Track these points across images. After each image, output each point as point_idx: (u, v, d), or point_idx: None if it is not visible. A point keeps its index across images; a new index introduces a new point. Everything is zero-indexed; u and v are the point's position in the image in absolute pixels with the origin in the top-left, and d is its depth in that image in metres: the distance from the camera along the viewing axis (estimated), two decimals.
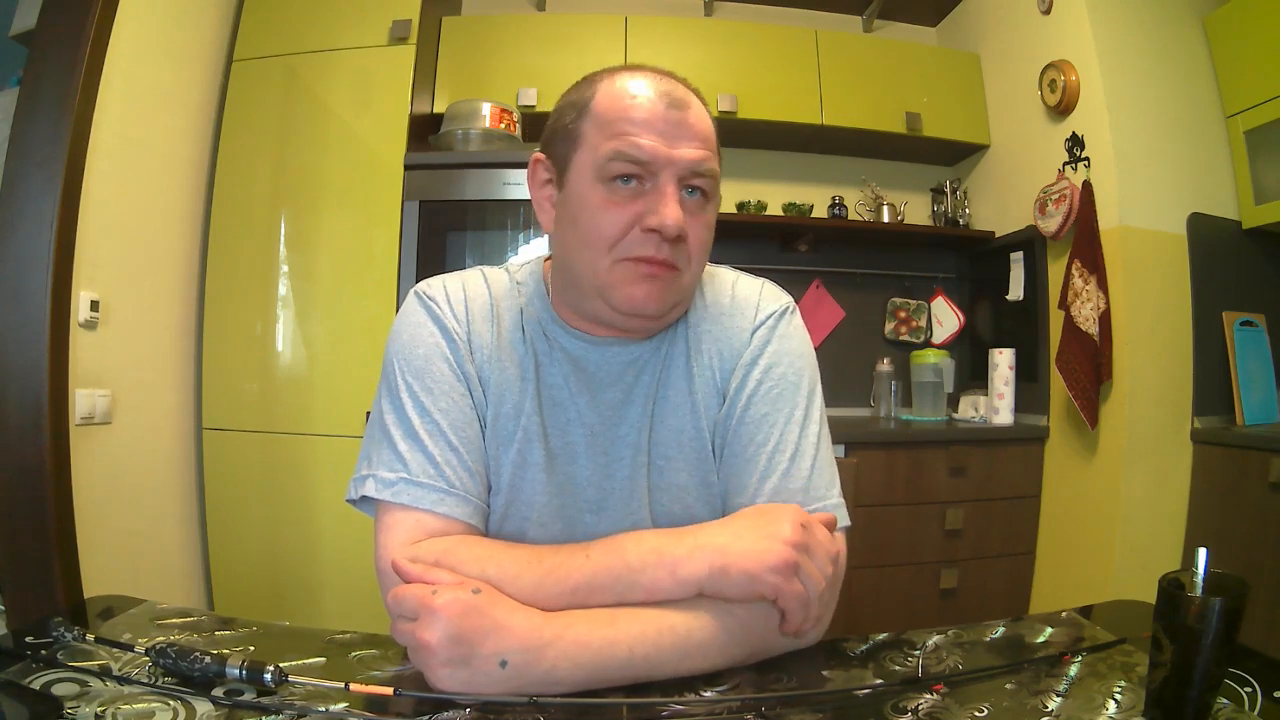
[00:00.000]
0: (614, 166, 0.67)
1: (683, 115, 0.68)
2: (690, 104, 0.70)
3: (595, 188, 0.68)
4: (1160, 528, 2.08)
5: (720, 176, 0.72)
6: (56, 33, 1.58)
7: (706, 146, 0.69)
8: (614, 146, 0.66)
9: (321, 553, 1.99)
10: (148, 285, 1.89)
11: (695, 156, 0.67)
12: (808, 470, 0.70)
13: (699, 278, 0.74)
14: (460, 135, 2.14)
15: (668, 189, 0.67)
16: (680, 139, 0.67)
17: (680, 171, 0.67)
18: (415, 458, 0.67)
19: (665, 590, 0.59)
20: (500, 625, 0.54)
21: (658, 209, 0.66)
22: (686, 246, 0.69)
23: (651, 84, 0.69)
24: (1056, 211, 2.22)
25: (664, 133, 0.67)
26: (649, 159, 0.66)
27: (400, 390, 0.70)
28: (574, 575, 0.59)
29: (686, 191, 0.68)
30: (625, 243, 0.67)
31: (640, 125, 0.67)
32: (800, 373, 0.75)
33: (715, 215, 0.73)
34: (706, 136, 0.70)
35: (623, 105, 0.68)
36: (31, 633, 0.62)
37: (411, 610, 0.54)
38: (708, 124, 0.71)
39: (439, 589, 0.55)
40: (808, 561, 0.59)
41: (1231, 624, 0.47)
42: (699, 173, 0.68)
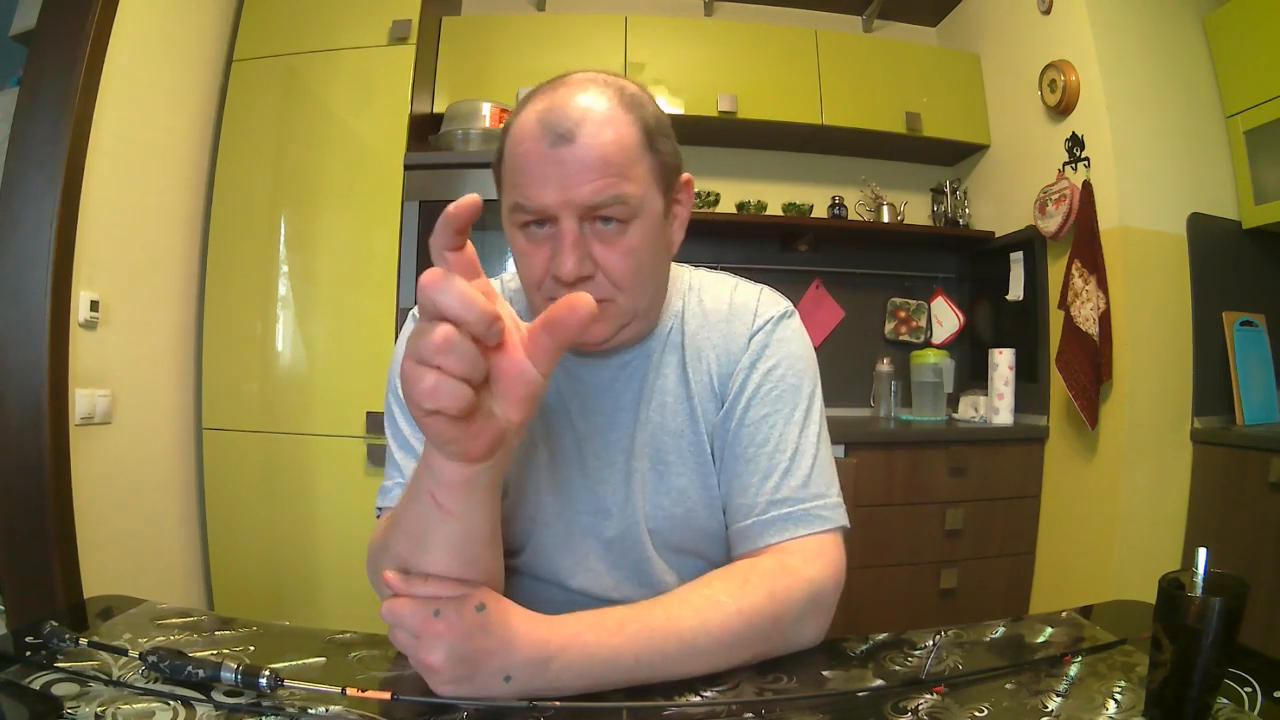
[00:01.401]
0: (517, 217, 0.66)
1: (567, 150, 0.62)
2: (578, 133, 0.63)
3: (516, 234, 0.68)
4: (1160, 528, 2.08)
5: (644, 192, 0.66)
6: (56, 33, 1.58)
7: (605, 173, 0.63)
8: (513, 199, 0.66)
9: (321, 553, 1.99)
10: (148, 285, 1.89)
11: (587, 193, 0.63)
12: (808, 470, 0.70)
13: (647, 294, 0.71)
14: (460, 135, 2.14)
15: (565, 235, 0.64)
16: (569, 178, 0.63)
17: (577, 211, 0.64)
18: (410, 464, 0.71)
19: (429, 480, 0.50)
20: (505, 643, 0.52)
21: (556, 258, 0.65)
22: (606, 278, 0.66)
23: (540, 116, 0.64)
24: (1056, 211, 2.22)
25: (552, 176, 0.63)
26: (541, 209, 0.64)
27: (395, 405, 0.74)
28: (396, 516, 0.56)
29: (601, 222, 0.65)
30: (545, 286, 0.67)
31: (529, 175, 0.64)
32: (800, 374, 0.75)
33: (643, 234, 0.67)
34: (603, 162, 0.63)
35: (515, 154, 0.66)
36: (31, 633, 0.62)
37: (412, 629, 0.52)
38: (608, 144, 0.63)
39: (440, 608, 0.52)
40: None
41: (1231, 624, 0.47)
42: (597, 205, 0.64)
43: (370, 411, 1.96)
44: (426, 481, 0.50)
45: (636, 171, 0.66)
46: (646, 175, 0.67)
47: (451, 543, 0.53)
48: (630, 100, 0.67)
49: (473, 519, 0.52)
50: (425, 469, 0.50)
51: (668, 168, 0.70)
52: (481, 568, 0.55)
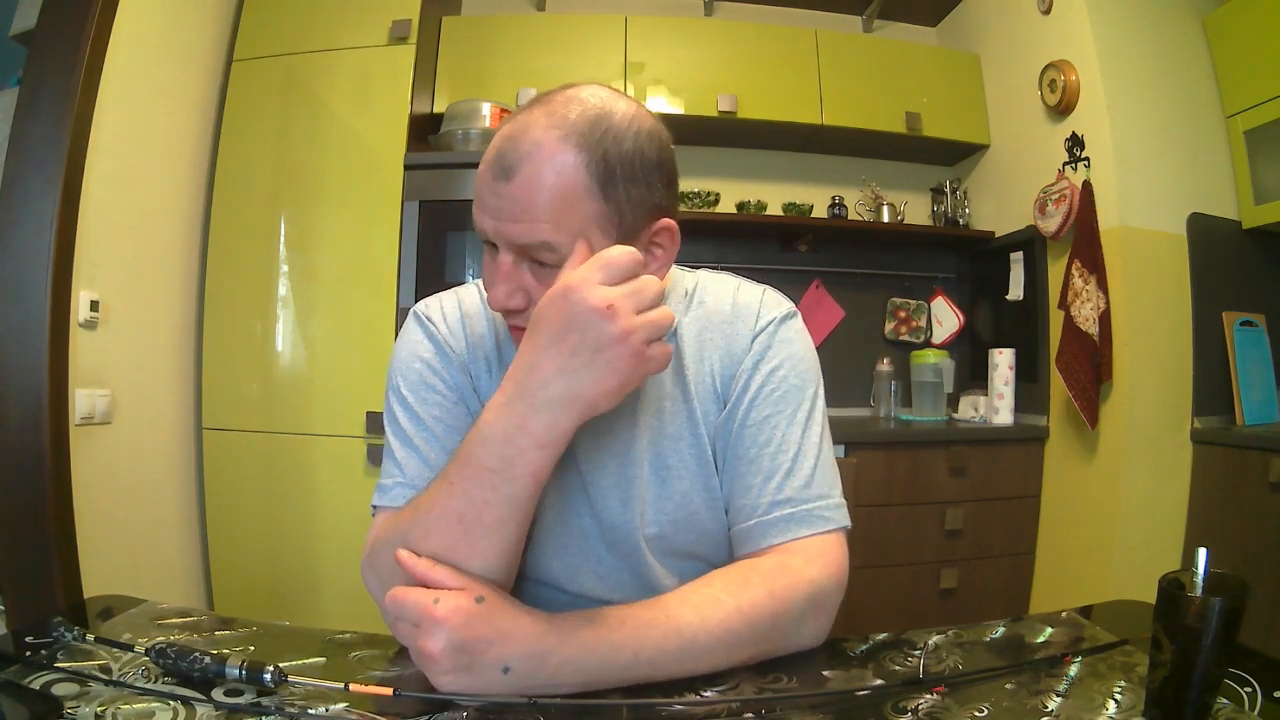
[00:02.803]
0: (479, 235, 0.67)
1: (506, 186, 0.61)
2: (517, 171, 0.61)
3: (485, 248, 0.68)
4: (1160, 528, 2.08)
5: (569, 239, 0.62)
6: (56, 33, 1.58)
7: (534, 217, 0.61)
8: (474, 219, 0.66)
9: (321, 553, 1.99)
10: (148, 285, 1.89)
11: (515, 232, 0.62)
12: (810, 470, 0.70)
13: None
14: (460, 135, 2.14)
15: (503, 263, 0.64)
16: (504, 214, 0.62)
17: (512, 247, 0.63)
18: (411, 463, 0.70)
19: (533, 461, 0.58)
20: (503, 633, 0.54)
21: (490, 284, 0.65)
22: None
23: (498, 143, 0.64)
24: (1056, 211, 2.22)
25: (492, 208, 0.63)
26: (484, 235, 0.65)
27: (396, 405, 0.74)
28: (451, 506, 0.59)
29: (537, 262, 0.64)
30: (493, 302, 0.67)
31: (478, 201, 0.64)
32: (802, 375, 0.75)
33: None
34: (532, 206, 0.61)
35: (478, 173, 0.66)
36: (31, 633, 0.62)
37: (413, 617, 0.54)
38: (544, 190, 0.61)
39: (440, 596, 0.54)
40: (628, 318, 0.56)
41: (1231, 624, 0.47)
42: (524, 246, 0.62)
43: (370, 411, 1.96)
44: (531, 459, 0.57)
45: (573, 218, 0.62)
46: (591, 219, 0.62)
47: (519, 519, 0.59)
48: (595, 139, 0.62)
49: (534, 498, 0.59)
50: (533, 447, 0.56)
51: (626, 211, 0.64)
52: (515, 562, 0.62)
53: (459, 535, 0.58)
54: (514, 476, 0.57)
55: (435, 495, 0.60)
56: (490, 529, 0.58)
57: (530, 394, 0.56)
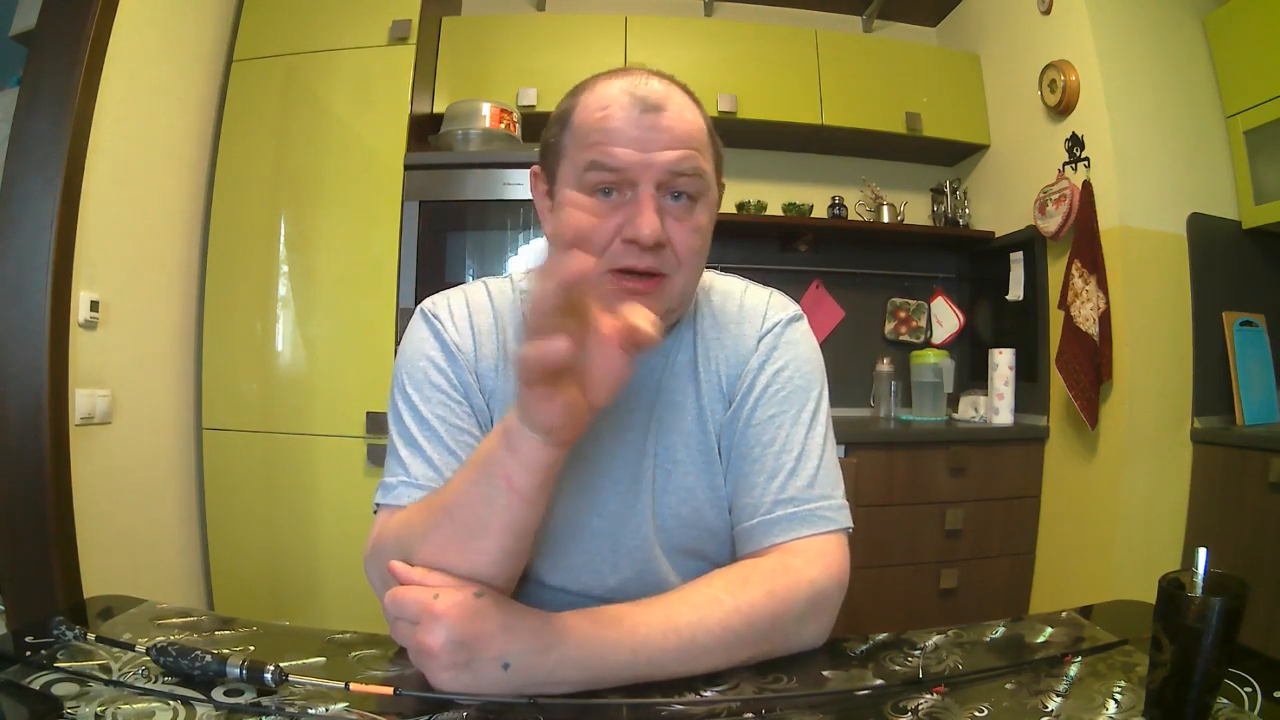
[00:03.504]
0: (590, 178, 0.66)
1: (656, 118, 0.66)
2: (666, 105, 0.67)
3: (569, 197, 0.68)
4: (1160, 528, 2.08)
5: (712, 174, 0.70)
6: (56, 33, 1.58)
7: (687, 145, 0.67)
8: (589, 157, 0.66)
9: (321, 553, 1.99)
10: (148, 285, 1.88)
11: (671, 159, 0.65)
12: (813, 470, 0.71)
13: (694, 280, 0.73)
14: (460, 135, 2.14)
15: (645, 197, 0.65)
16: (655, 143, 0.65)
17: (658, 176, 0.65)
18: (415, 463, 0.70)
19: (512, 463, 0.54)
20: (503, 628, 0.54)
21: (634, 219, 0.65)
22: (673, 252, 0.67)
23: (626, 88, 0.67)
24: (1056, 211, 2.22)
25: (637, 139, 0.65)
26: (623, 167, 0.65)
27: (401, 404, 0.73)
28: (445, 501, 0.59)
29: (672, 197, 0.67)
30: (609, 255, 0.66)
31: (613, 134, 0.66)
32: (807, 376, 0.75)
33: (708, 216, 0.71)
34: (687, 136, 0.67)
35: (596, 116, 0.67)
36: (31, 633, 0.62)
37: (413, 614, 0.54)
38: (690, 122, 0.68)
39: (440, 592, 0.55)
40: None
41: (1231, 624, 0.47)
42: (679, 173, 0.66)
43: (370, 411, 1.96)
44: (506, 466, 0.53)
45: (708, 152, 0.70)
46: (712, 160, 0.71)
47: (512, 528, 0.56)
48: (695, 97, 0.73)
49: (538, 504, 0.56)
50: (507, 454, 0.53)
51: (720, 162, 0.74)
52: (520, 562, 0.60)
53: (448, 534, 0.58)
54: (492, 478, 0.55)
55: (441, 490, 0.62)
56: (474, 531, 0.56)
57: None
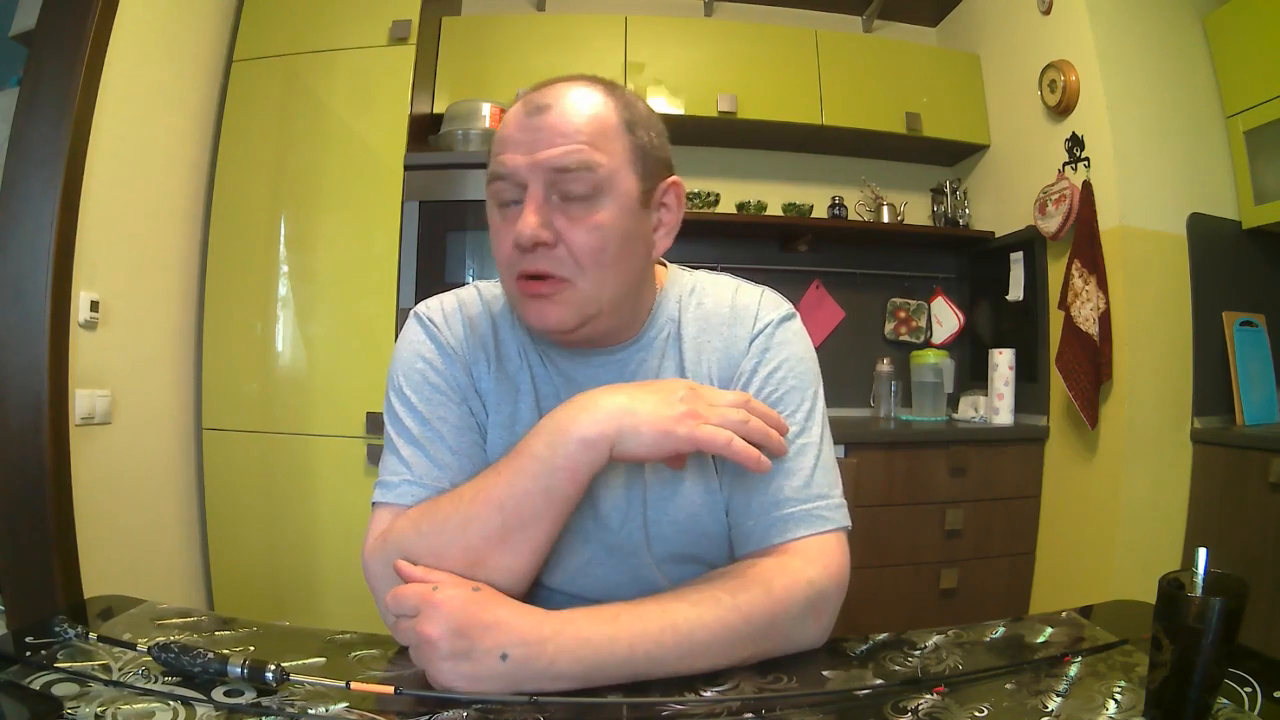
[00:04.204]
0: (492, 190, 0.68)
1: (542, 118, 0.65)
2: (553, 105, 0.65)
3: (493, 213, 0.70)
4: (1160, 528, 2.08)
5: (620, 166, 0.66)
6: (56, 33, 1.58)
7: (573, 139, 0.64)
8: (490, 170, 0.68)
9: (321, 553, 1.99)
10: (148, 285, 1.89)
11: (551, 155, 0.64)
12: (809, 470, 0.70)
13: (615, 283, 0.69)
14: (460, 135, 2.14)
15: (528, 199, 0.65)
16: (539, 143, 0.65)
17: (544, 175, 0.64)
18: (418, 461, 0.70)
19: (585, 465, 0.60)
20: (501, 619, 0.55)
21: (519, 220, 0.65)
22: (568, 253, 0.66)
23: (526, 98, 0.68)
24: (1056, 211, 2.22)
25: (523, 143, 0.65)
26: (510, 171, 0.65)
27: (399, 405, 0.73)
28: (496, 494, 0.61)
29: (568, 196, 0.65)
30: (510, 261, 0.67)
31: (504, 141, 0.67)
32: (801, 376, 0.75)
33: (613, 214, 0.66)
34: (573, 131, 0.65)
35: (498, 134, 0.69)
36: (31, 633, 0.62)
37: (412, 607, 0.55)
38: (581, 116, 0.65)
39: (439, 585, 0.56)
40: (710, 411, 0.61)
41: (1231, 624, 0.47)
42: (563, 168, 0.64)
43: (370, 411, 1.96)
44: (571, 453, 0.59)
45: (609, 146, 0.66)
46: (621, 153, 0.67)
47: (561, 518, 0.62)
48: (616, 91, 0.70)
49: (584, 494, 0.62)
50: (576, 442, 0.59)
51: (649, 154, 0.70)
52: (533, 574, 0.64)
53: (496, 525, 0.60)
54: (555, 468, 0.59)
55: (481, 483, 0.63)
56: (526, 522, 0.60)
57: (590, 398, 0.62)
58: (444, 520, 0.62)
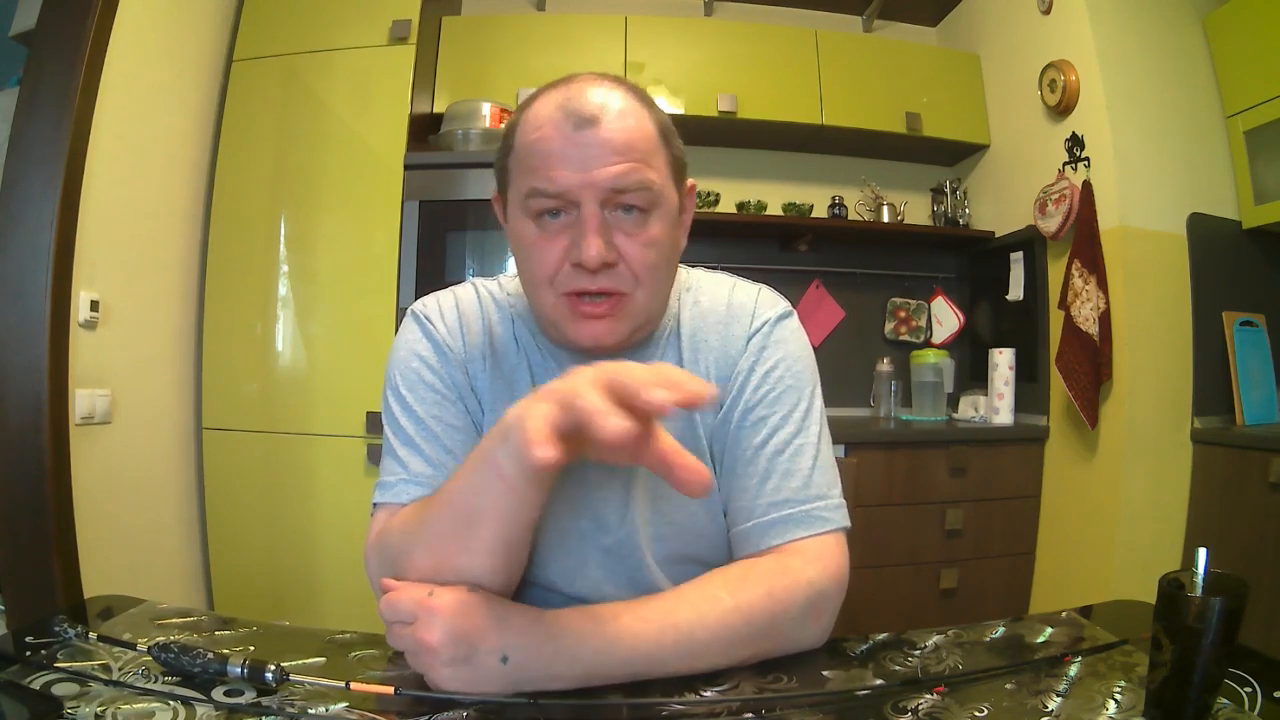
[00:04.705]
0: (533, 204, 0.66)
1: (593, 133, 0.63)
2: (601, 118, 0.64)
3: (527, 224, 0.67)
4: (1160, 528, 2.08)
5: (666, 181, 0.67)
6: (56, 33, 1.58)
7: (628, 157, 0.64)
8: (530, 184, 0.65)
9: (321, 553, 1.99)
10: (148, 285, 1.88)
11: (611, 175, 0.63)
12: (808, 470, 0.70)
13: (661, 294, 0.71)
14: (460, 135, 2.14)
15: (589, 218, 0.64)
16: (593, 160, 0.63)
17: (600, 194, 0.64)
18: (414, 460, 0.70)
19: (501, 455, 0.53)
20: (500, 622, 0.54)
21: (579, 242, 0.64)
22: (627, 268, 0.66)
23: (561, 103, 0.65)
24: (1056, 211, 2.22)
25: (574, 158, 0.63)
26: (563, 190, 0.64)
27: (395, 404, 0.73)
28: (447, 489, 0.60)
29: (623, 211, 0.65)
30: (560, 277, 0.66)
31: (549, 158, 0.64)
32: (798, 375, 0.75)
33: (664, 227, 0.68)
34: (627, 146, 0.64)
35: (532, 139, 0.65)
36: (31, 633, 0.62)
37: (408, 613, 0.54)
38: (631, 131, 0.65)
39: (435, 590, 0.55)
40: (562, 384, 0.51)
41: (1231, 624, 0.47)
42: (621, 189, 0.64)
43: (370, 411, 1.96)
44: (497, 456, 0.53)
45: (657, 161, 0.67)
46: (665, 167, 0.68)
47: (506, 517, 0.56)
48: (644, 97, 0.69)
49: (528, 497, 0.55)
50: (499, 444, 0.53)
51: (679, 163, 0.71)
52: (516, 563, 0.60)
53: (448, 524, 0.58)
54: (484, 464, 0.54)
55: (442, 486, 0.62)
56: (472, 521, 0.56)
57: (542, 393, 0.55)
58: (414, 519, 0.62)
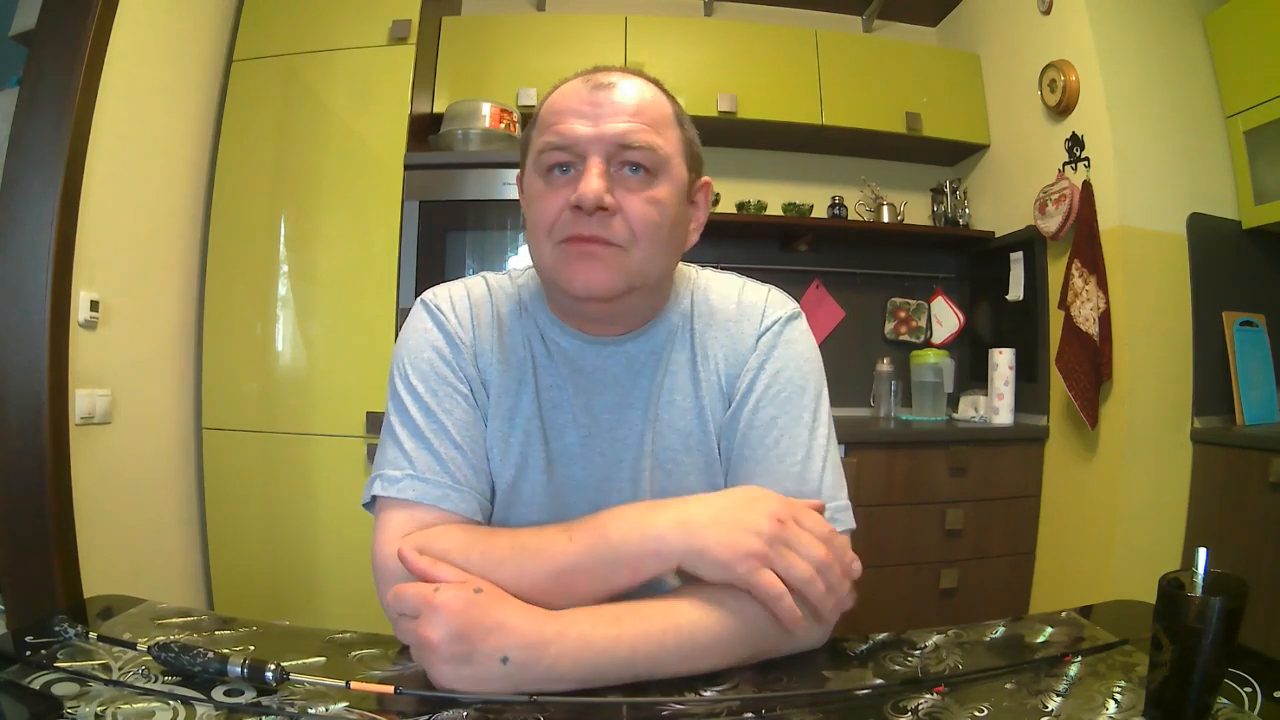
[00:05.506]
0: (545, 158, 0.68)
1: (607, 93, 0.67)
2: (617, 84, 0.68)
3: (536, 181, 0.70)
4: (1160, 528, 2.08)
5: (675, 154, 0.70)
6: (56, 33, 1.58)
7: (638, 119, 0.67)
8: (544, 139, 0.68)
9: (321, 553, 1.99)
10: (148, 285, 1.88)
11: (619, 130, 0.66)
12: (818, 473, 0.70)
13: (659, 258, 0.70)
14: (460, 135, 2.14)
15: (590, 164, 0.66)
16: (604, 116, 0.67)
17: (607, 148, 0.66)
18: (421, 456, 0.69)
19: (649, 569, 0.60)
20: (502, 622, 0.54)
21: (580, 184, 0.66)
22: (625, 221, 0.67)
23: (584, 76, 0.70)
24: (1056, 211, 2.22)
25: (586, 114, 0.67)
26: (571, 141, 0.67)
27: (405, 394, 0.72)
28: (557, 558, 0.60)
29: (629, 169, 0.68)
30: (559, 224, 0.68)
31: (564, 112, 0.68)
32: (806, 376, 0.75)
33: (670, 192, 0.69)
34: (637, 109, 0.68)
35: (552, 101, 0.70)
36: (31, 632, 0.62)
37: (413, 608, 0.55)
38: (643, 98, 0.69)
39: (440, 586, 0.55)
40: (783, 554, 0.59)
41: (1231, 624, 0.47)
42: (628, 145, 0.66)
43: (370, 411, 1.96)
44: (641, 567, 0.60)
45: (668, 134, 0.70)
46: (674, 142, 0.70)
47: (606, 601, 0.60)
48: (663, 86, 0.73)
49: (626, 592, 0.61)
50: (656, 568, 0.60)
51: (692, 150, 0.73)
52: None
53: (545, 588, 0.59)
54: (620, 561, 0.59)
55: (545, 539, 0.61)
56: (572, 595, 0.59)
57: (680, 505, 0.62)
58: (498, 562, 0.60)
